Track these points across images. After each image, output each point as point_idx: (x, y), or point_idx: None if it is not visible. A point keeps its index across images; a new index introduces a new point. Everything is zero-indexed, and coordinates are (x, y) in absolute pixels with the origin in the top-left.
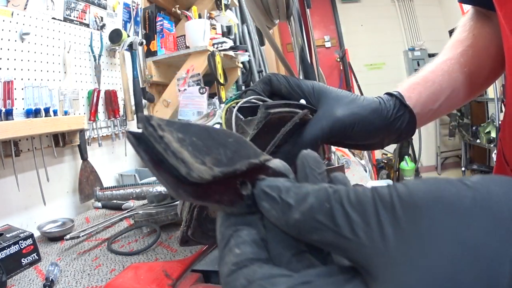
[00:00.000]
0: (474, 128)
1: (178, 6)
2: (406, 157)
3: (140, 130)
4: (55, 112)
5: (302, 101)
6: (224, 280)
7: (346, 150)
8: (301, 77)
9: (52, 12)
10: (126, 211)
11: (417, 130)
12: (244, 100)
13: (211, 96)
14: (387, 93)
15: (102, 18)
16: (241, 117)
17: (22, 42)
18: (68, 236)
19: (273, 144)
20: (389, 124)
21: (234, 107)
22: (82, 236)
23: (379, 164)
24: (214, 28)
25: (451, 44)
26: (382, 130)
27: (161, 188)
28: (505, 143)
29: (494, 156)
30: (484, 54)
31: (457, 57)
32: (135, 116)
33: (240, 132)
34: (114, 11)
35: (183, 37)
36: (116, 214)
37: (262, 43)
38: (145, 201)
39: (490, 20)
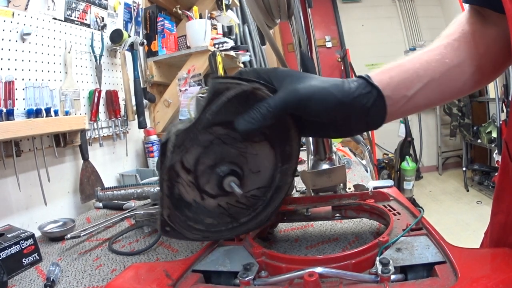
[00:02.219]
0: (475, 128)
1: (179, 6)
2: (407, 157)
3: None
4: (56, 112)
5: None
6: None
7: (347, 150)
8: None
9: (53, 13)
10: (127, 211)
11: (417, 130)
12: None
13: None
14: (356, 76)
15: (103, 18)
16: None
17: (23, 42)
18: (69, 235)
19: (213, 110)
20: (353, 101)
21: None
22: (83, 235)
23: (380, 164)
24: (215, 28)
25: (437, 39)
26: (345, 105)
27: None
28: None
29: (495, 156)
30: (471, 49)
31: (439, 48)
32: (136, 116)
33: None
34: (115, 11)
35: (184, 37)
36: (117, 214)
37: (263, 43)
38: (146, 201)
39: (486, 20)
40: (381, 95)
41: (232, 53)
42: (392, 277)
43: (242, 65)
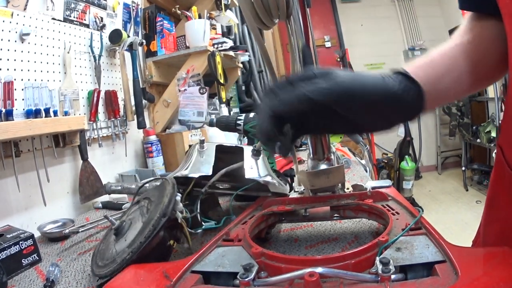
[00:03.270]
0: (474, 127)
1: (178, 6)
2: (407, 156)
3: None
4: (55, 113)
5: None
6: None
7: (346, 150)
8: None
9: (52, 13)
10: (126, 209)
11: (416, 130)
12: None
13: (211, 96)
14: (392, 71)
15: (102, 18)
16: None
17: (22, 42)
18: (67, 230)
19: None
20: (395, 95)
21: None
22: (81, 231)
23: (380, 163)
24: (214, 28)
25: (455, 35)
26: (388, 100)
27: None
28: (504, 143)
29: (494, 155)
30: (489, 46)
31: (463, 43)
32: (135, 116)
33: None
34: (114, 11)
35: (183, 37)
36: (116, 213)
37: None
38: None
39: (490, 22)
40: (421, 91)
41: (231, 53)
42: (393, 276)
43: (241, 65)
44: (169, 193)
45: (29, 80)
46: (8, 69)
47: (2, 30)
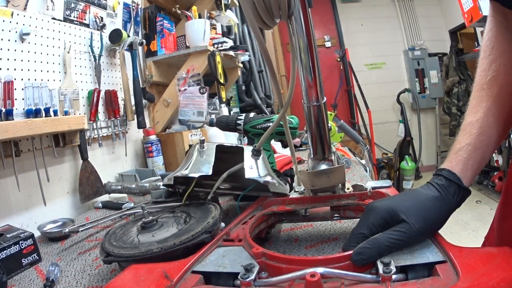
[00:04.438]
0: None
1: (178, 6)
2: (407, 156)
3: None
4: (55, 112)
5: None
6: None
7: (346, 150)
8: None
9: (52, 12)
10: (126, 209)
11: (417, 130)
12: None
13: (211, 96)
14: (444, 172)
15: (102, 18)
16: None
17: (22, 42)
18: (67, 230)
19: None
20: (453, 208)
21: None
22: (81, 230)
23: (380, 163)
24: (214, 28)
25: (485, 81)
26: (449, 215)
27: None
28: None
29: (494, 155)
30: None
31: (494, 103)
32: (135, 116)
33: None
34: (114, 11)
35: (183, 37)
36: (116, 212)
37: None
38: (146, 200)
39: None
40: (468, 192)
41: (231, 53)
42: (393, 276)
43: (241, 65)
44: (216, 215)
45: (29, 79)
46: (8, 69)
47: (2, 30)
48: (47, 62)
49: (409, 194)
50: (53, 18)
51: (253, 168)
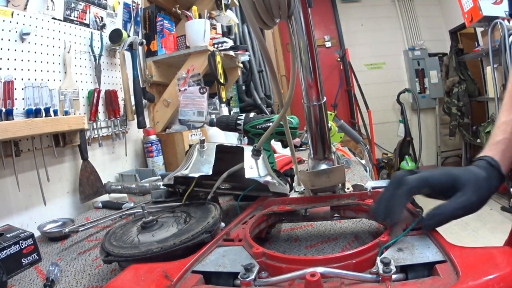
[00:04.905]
0: (474, 127)
1: (178, 6)
2: (407, 156)
3: None
4: (55, 112)
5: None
6: None
7: (346, 150)
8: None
9: (52, 12)
10: (126, 209)
11: (417, 130)
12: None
13: (211, 96)
14: (487, 158)
15: (102, 18)
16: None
17: (22, 42)
18: (67, 230)
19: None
20: (491, 193)
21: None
22: (81, 230)
23: (380, 163)
24: (214, 28)
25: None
26: (487, 196)
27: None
28: None
29: None
30: None
31: None
32: (135, 116)
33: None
34: (114, 11)
35: (183, 37)
36: (116, 212)
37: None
38: (146, 200)
39: None
40: (504, 178)
41: (231, 52)
42: (394, 276)
43: (241, 65)
44: (216, 215)
45: (29, 79)
46: (8, 69)
47: (2, 30)
48: (47, 62)
49: (462, 168)
50: (53, 18)
51: (253, 168)
